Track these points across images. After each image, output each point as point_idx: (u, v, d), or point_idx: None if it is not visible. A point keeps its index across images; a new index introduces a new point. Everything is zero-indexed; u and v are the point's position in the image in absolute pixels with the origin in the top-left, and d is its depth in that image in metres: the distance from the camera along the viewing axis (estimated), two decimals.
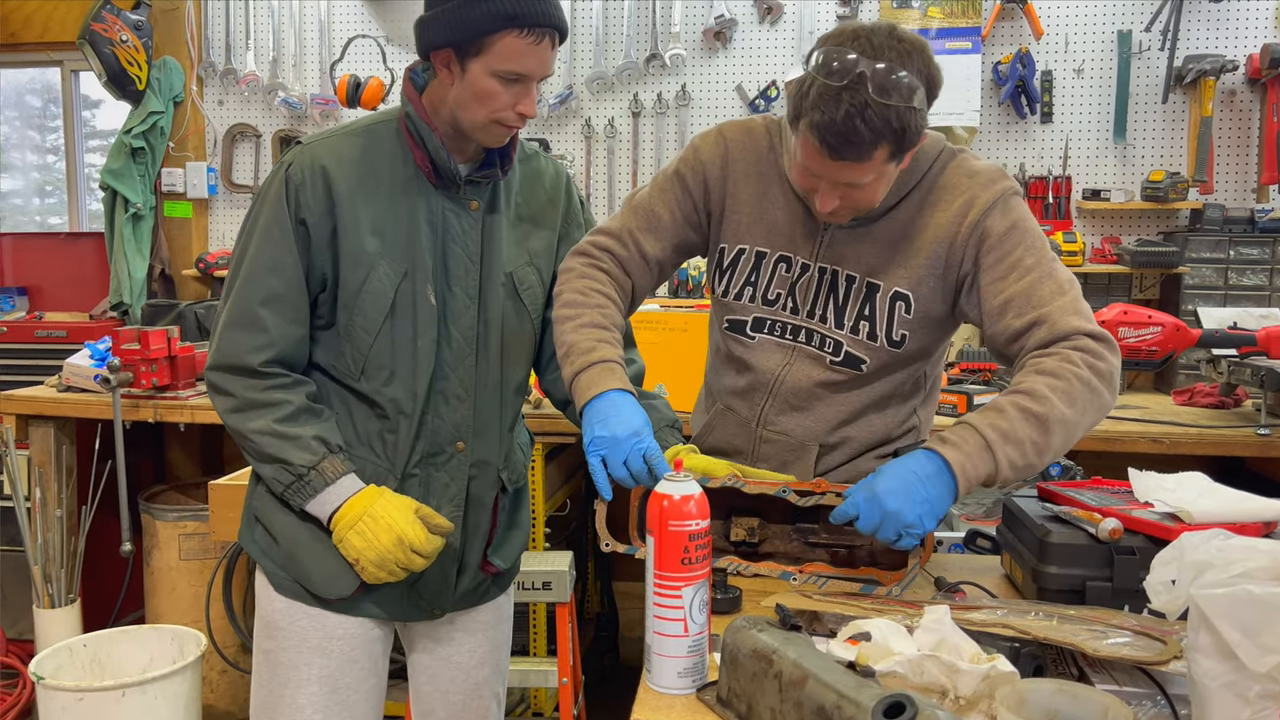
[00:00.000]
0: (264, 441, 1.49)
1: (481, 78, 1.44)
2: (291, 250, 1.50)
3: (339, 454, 1.52)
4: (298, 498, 1.50)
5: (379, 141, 1.55)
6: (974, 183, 1.50)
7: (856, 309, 1.54)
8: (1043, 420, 1.32)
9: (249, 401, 1.50)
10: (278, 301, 1.51)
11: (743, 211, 1.60)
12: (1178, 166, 3.36)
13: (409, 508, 1.52)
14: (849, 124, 1.30)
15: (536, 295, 1.66)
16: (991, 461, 1.31)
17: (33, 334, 3.57)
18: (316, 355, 1.58)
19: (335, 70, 3.67)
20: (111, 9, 3.57)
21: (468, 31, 1.42)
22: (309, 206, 1.50)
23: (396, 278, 1.52)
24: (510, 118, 1.48)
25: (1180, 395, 2.98)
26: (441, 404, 1.58)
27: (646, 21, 3.57)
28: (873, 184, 1.39)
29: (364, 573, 1.51)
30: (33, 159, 4.39)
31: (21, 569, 3.31)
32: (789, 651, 0.99)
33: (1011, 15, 3.37)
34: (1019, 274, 1.44)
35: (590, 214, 1.78)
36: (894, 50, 1.32)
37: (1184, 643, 1.05)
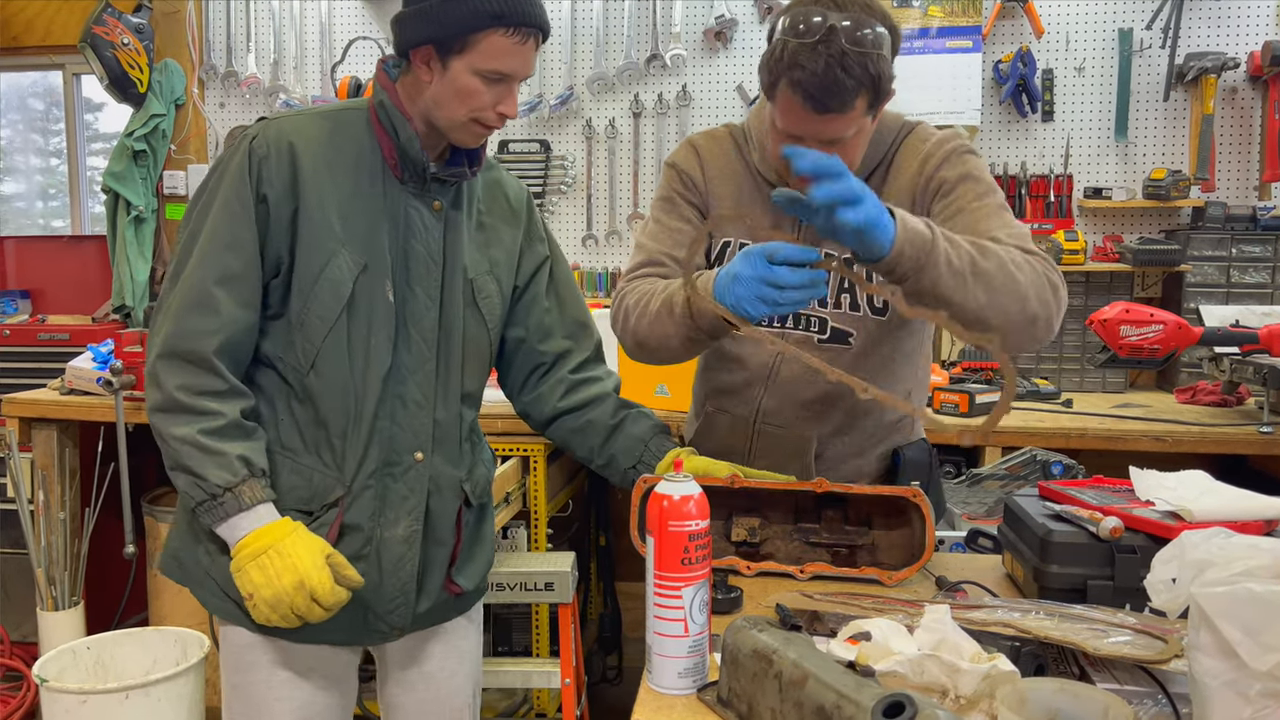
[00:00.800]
0: (184, 451, 1.38)
1: (463, 76, 1.41)
2: (250, 227, 1.42)
3: (261, 479, 1.42)
4: (207, 517, 1.40)
5: (346, 127, 1.49)
6: (928, 144, 1.57)
7: (837, 284, 1.57)
8: (982, 248, 1.36)
9: (178, 404, 1.39)
10: (233, 281, 1.42)
11: (722, 206, 1.65)
12: (1179, 164, 3.35)
13: (320, 551, 1.41)
14: (830, 74, 1.34)
15: (494, 306, 1.60)
16: (929, 232, 1.30)
17: (35, 337, 3.57)
18: (264, 347, 1.48)
19: (336, 72, 3.67)
20: (113, 12, 3.58)
21: (451, 29, 1.39)
22: (270, 182, 1.42)
23: (355, 269, 1.45)
24: (490, 117, 1.45)
25: (1182, 393, 2.98)
26: (399, 409, 1.50)
27: (647, 22, 3.57)
28: (854, 139, 1.44)
29: (254, 610, 1.39)
30: (35, 162, 4.40)
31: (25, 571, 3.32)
32: (789, 652, 0.98)
33: (1012, 14, 3.37)
34: (966, 214, 1.48)
35: (549, 230, 1.73)
36: (856, 5, 1.37)
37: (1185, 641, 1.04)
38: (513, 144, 3.65)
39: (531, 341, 1.68)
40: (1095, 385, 3.25)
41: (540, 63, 3.62)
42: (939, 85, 3.32)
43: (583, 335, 1.72)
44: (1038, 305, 1.38)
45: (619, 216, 3.64)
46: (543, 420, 1.72)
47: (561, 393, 1.68)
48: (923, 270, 1.30)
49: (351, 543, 1.49)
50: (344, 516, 1.49)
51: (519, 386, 1.73)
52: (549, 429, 1.72)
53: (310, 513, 1.48)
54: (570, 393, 1.68)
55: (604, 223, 3.65)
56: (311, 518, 1.48)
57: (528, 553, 2.76)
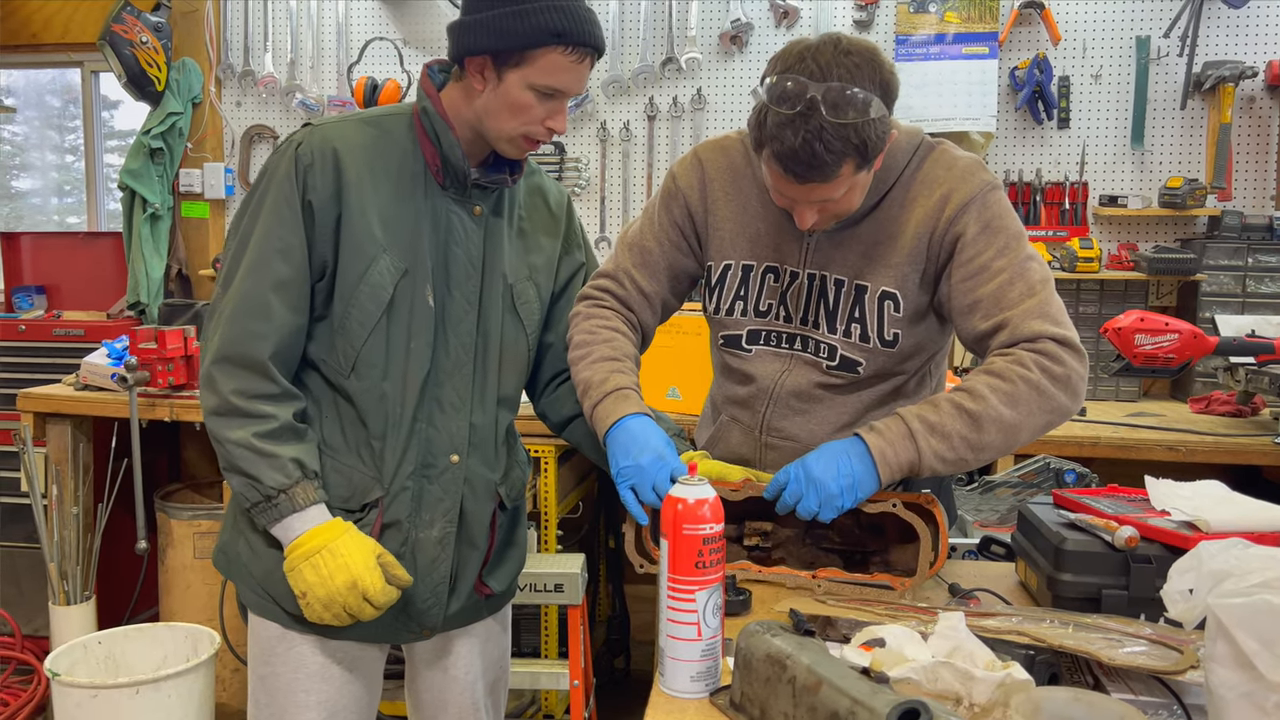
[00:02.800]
0: (238, 454, 1.42)
1: (518, 89, 1.43)
2: (299, 233, 1.45)
3: (314, 480, 1.45)
4: (262, 518, 1.44)
5: (389, 134, 1.52)
6: (951, 176, 1.50)
7: (847, 312, 1.55)
8: (975, 417, 1.36)
9: (233, 408, 1.43)
10: (285, 287, 1.45)
11: (725, 228, 1.62)
12: (1196, 173, 3.34)
13: (371, 552, 1.45)
14: (808, 149, 1.31)
15: (533, 311, 1.63)
16: (914, 450, 1.36)
17: (51, 332, 3.59)
18: (309, 349, 1.51)
19: (352, 72, 3.69)
20: (132, 10, 3.60)
21: (511, 42, 1.41)
22: (316, 188, 1.45)
23: (396, 274, 1.48)
24: (539, 132, 1.48)
25: (1197, 403, 2.97)
26: (437, 413, 1.53)
27: (663, 25, 3.57)
28: (847, 194, 1.42)
29: (308, 609, 1.43)
30: (51, 159, 4.43)
31: (38, 566, 3.34)
32: (803, 657, 0.98)
33: (1029, 20, 3.36)
34: (989, 275, 1.45)
35: (587, 237, 1.77)
36: (841, 67, 1.32)
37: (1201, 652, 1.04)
38: None
39: (559, 348, 1.69)
40: (1109, 393, 3.24)
41: None
42: (955, 91, 3.31)
43: None
44: (1046, 419, 1.39)
45: (632, 218, 3.64)
46: (559, 421, 1.73)
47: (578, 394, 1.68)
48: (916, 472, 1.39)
49: (389, 541, 1.52)
50: (383, 516, 1.52)
51: (541, 388, 1.75)
52: (565, 430, 1.73)
53: (351, 511, 1.51)
54: None
55: (617, 225, 3.66)
56: (353, 516, 1.51)
57: (537, 554, 2.76)
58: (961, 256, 1.47)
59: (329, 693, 1.55)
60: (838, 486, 1.36)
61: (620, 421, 1.48)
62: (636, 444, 1.45)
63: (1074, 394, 1.39)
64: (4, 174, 4.43)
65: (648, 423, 1.48)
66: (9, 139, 4.43)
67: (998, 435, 1.36)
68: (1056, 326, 1.40)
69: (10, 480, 3.48)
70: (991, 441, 1.37)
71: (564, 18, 1.40)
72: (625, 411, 1.48)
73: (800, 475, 1.39)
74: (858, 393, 1.58)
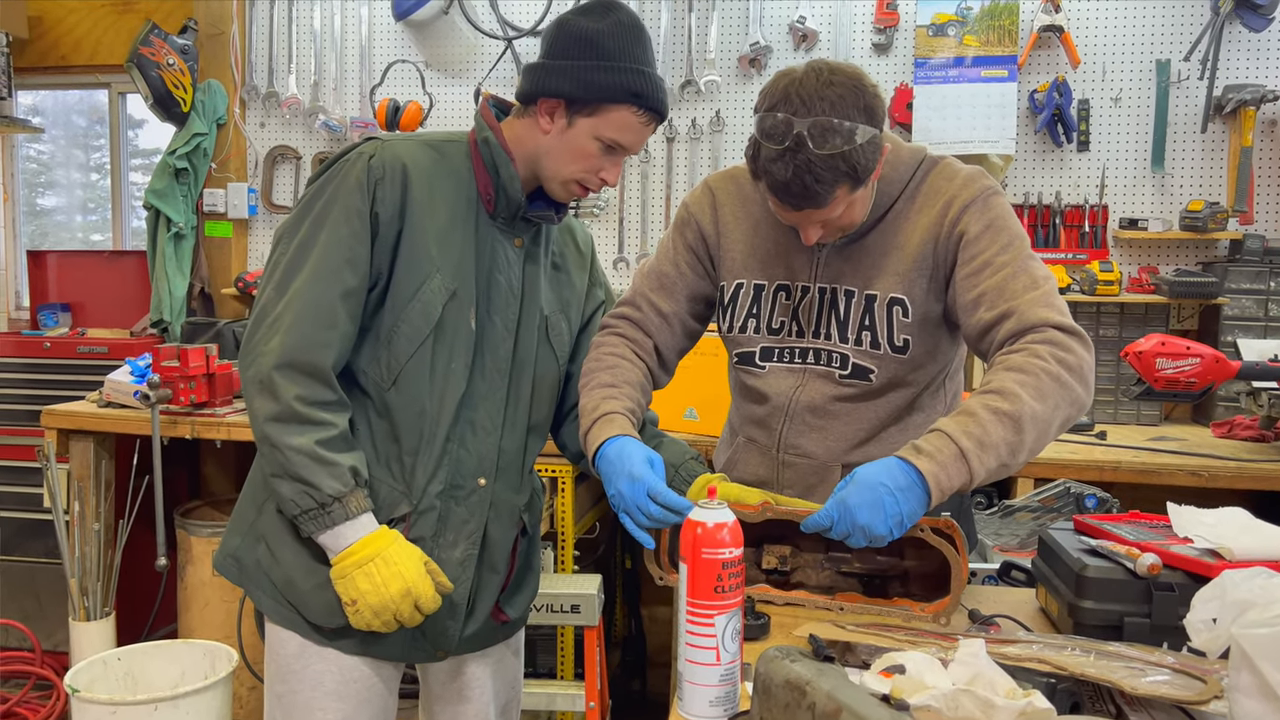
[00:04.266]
0: (298, 461, 1.41)
1: (585, 137, 1.49)
2: (366, 243, 1.47)
3: (365, 489, 1.47)
4: (312, 524, 1.43)
5: (449, 159, 1.56)
6: (953, 184, 1.54)
7: (858, 321, 1.57)
8: (1015, 419, 1.32)
9: (295, 414, 1.42)
10: (351, 297, 1.46)
11: (735, 250, 1.66)
12: (1217, 196, 3.33)
13: (421, 560, 1.47)
14: (799, 182, 1.37)
15: (564, 343, 1.68)
16: (966, 472, 1.32)
17: (75, 350, 3.63)
18: (351, 359, 1.52)
19: (375, 94, 3.73)
20: (159, 33, 3.66)
21: (590, 93, 1.47)
22: (384, 201, 1.47)
23: (446, 294, 1.51)
24: (593, 181, 1.53)
25: (1219, 428, 2.94)
26: (469, 434, 1.55)
27: (682, 48, 3.60)
28: (847, 210, 1.46)
29: (357, 615, 1.45)
30: (77, 177, 4.49)
31: (58, 581, 3.36)
32: (823, 683, 0.98)
33: (1048, 44, 3.36)
34: (992, 270, 1.47)
35: (605, 275, 1.83)
36: (825, 100, 1.37)
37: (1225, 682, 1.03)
38: None
39: (578, 379, 1.70)
40: (1130, 417, 3.22)
41: None
42: (974, 114, 3.32)
43: None
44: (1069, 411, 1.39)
45: (650, 240, 3.66)
46: (575, 452, 1.75)
47: None
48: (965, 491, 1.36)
49: None
50: (409, 533, 1.53)
51: (561, 418, 1.77)
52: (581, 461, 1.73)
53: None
54: None
55: (635, 246, 3.67)
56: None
57: (554, 574, 2.76)
58: (965, 254, 1.50)
59: (345, 711, 1.56)
60: (885, 529, 1.30)
61: (600, 449, 1.50)
62: (614, 469, 1.46)
63: (1087, 385, 1.39)
64: (31, 192, 4.49)
65: (624, 444, 1.48)
66: (36, 157, 4.49)
67: (1033, 434, 1.34)
68: (1062, 316, 1.41)
69: (33, 496, 3.51)
70: (1029, 442, 1.34)
71: (643, 81, 1.48)
72: (605, 436, 1.50)
73: (845, 520, 1.33)
74: (871, 404, 1.59)
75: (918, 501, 1.31)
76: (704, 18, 3.56)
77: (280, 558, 1.53)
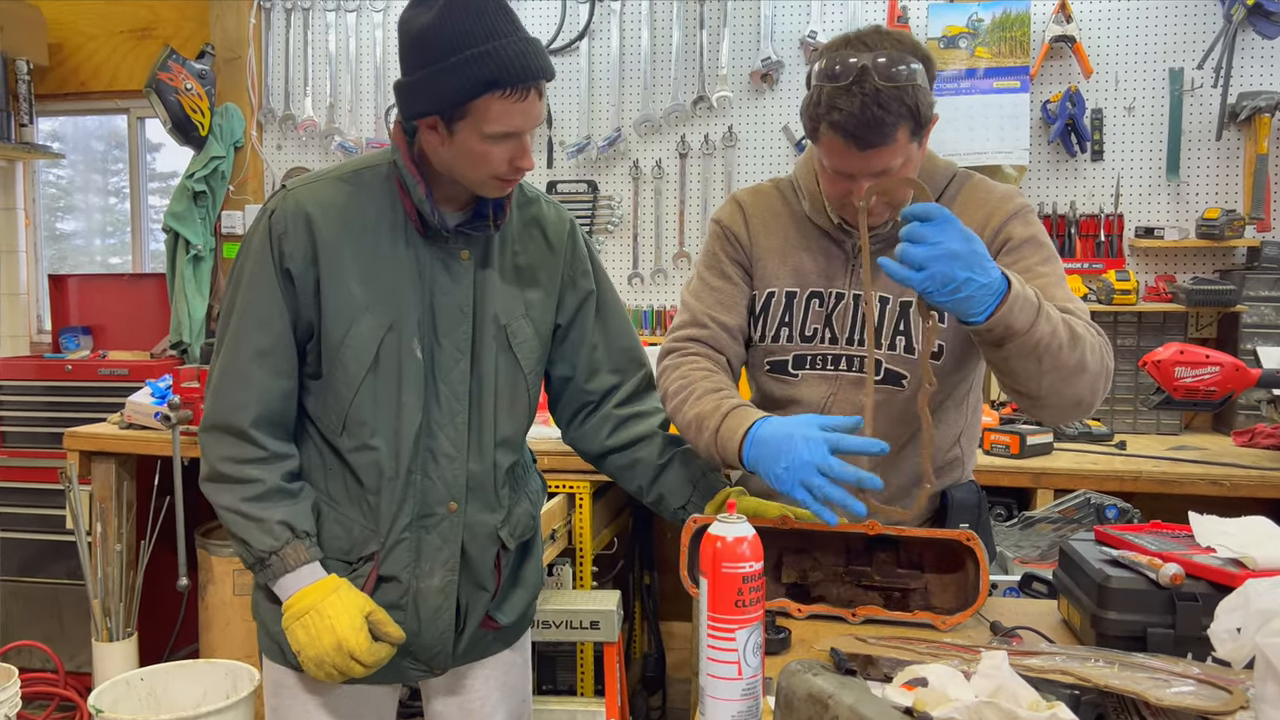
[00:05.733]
0: (230, 519, 1.46)
1: (471, 140, 1.39)
2: (277, 301, 1.46)
3: (305, 539, 1.47)
4: (260, 577, 1.49)
5: (366, 188, 1.50)
6: (992, 198, 1.60)
7: (892, 326, 1.59)
8: (1072, 330, 1.39)
9: (221, 474, 1.47)
10: (266, 356, 1.47)
11: (768, 259, 1.66)
12: (1233, 204, 3.31)
13: (359, 611, 1.45)
14: (867, 113, 1.39)
15: (531, 349, 1.59)
16: (1035, 302, 1.34)
17: (96, 372, 3.67)
18: (308, 405, 1.53)
19: (390, 115, 3.76)
20: (177, 58, 3.71)
21: (449, 100, 1.36)
22: (292, 256, 1.45)
23: (380, 330, 1.47)
24: (508, 173, 1.44)
25: (1240, 436, 2.92)
26: (430, 464, 1.52)
27: (694, 64, 3.62)
28: (902, 167, 1.47)
29: (304, 665, 1.46)
30: (95, 201, 4.54)
31: (81, 602, 3.39)
32: (845, 696, 0.98)
33: (1060, 54, 3.37)
34: (1034, 276, 1.51)
35: (600, 263, 1.71)
36: (887, 41, 1.43)
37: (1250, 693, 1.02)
38: (560, 184, 3.70)
39: (578, 381, 1.68)
40: (1149, 427, 3.20)
41: (588, 105, 3.68)
42: (987, 125, 3.32)
43: (631, 367, 1.71)
44: (1088, 382, 1.43)
45: (665, 255, 3.67)
46: (591, 456, 1.74)
47: (608, 431, 1.68)
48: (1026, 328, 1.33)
49: (389, 593, 1.53)
50: (379, 569, 1.53)
51: (567, 422, 1.75)
52: (600, 464, 1.73)
53: (350, 563, 1.53)
54: (616, 431, 1.68)
55: (650, 261, 3.68)
56: (350, 569, 1.52)
57: (573, 590, 2.76)
58: (1009, 258, 1.54)
59: None
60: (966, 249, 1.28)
61: (750, 430, 1.43)
62: (777, 444, 1.38)
63: (1109, 370, 1.46)
64: (50, 216, 4.54)
65: (774, 421, 1.43)
66: (55, 182, 4.55)
67: (1076, 357, 1.38)
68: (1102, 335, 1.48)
69: (55, 517, 3.54)
70: (1072, 361, 1.38)
71: (491, 63, 1.34)
72: (751, 420, 1.45)
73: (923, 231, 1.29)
74: (900, 417, 1.59)
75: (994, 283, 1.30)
76: (715, 34, 3.58)
77: (262, 598, 1.57)
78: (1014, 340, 1.34)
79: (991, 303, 1.31)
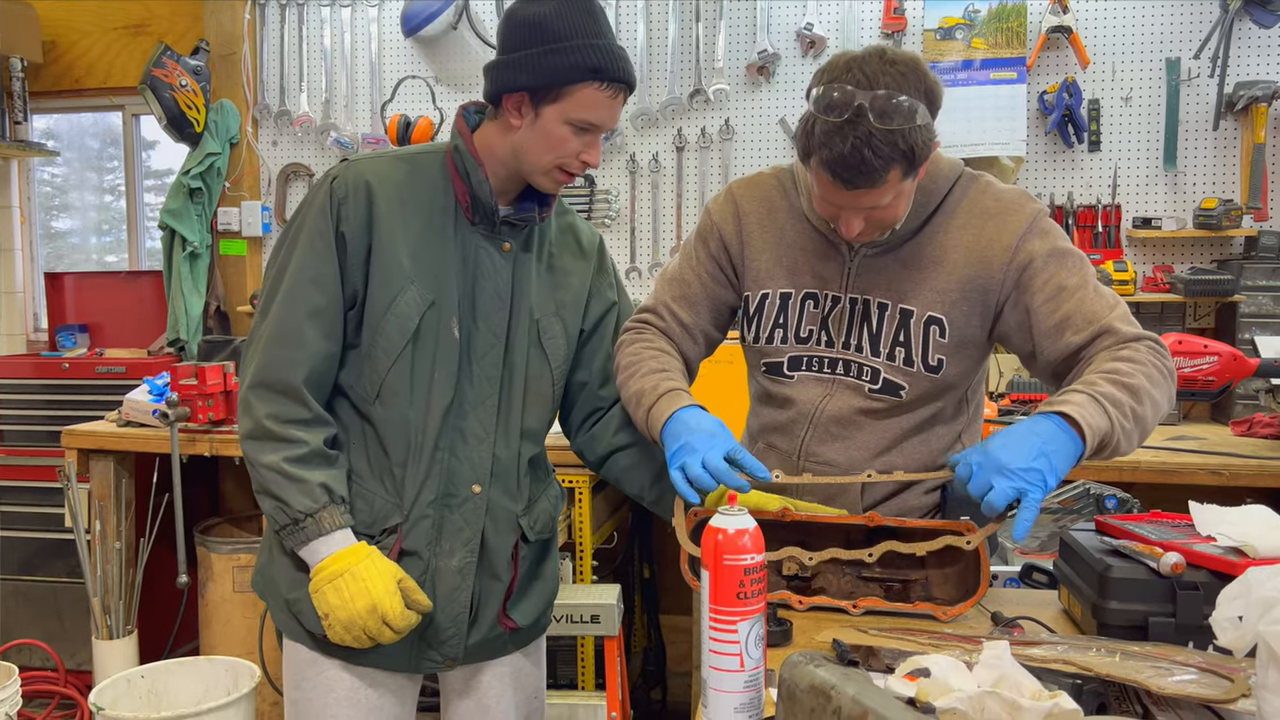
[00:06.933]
0: (270, 478, 1.46)
1: (554, 124, 1.47)
2: (333, 263, 1.50)
3: (340, 505, 1.48)
4: (290, 540, 1.48)
5: (423, 170, 1.57)
6: (1001, 206, 1.53)
7: (891, 335, 1.56)
8: (1135, 390, 1.36)
9: (267, 431, 1.47)
10: (320, 316, 1.49)
11: (761, 259, 1.64)
12: (1230, 193, 3.31)
13: (392, 577, 1.47)
14: (857, 155, 1.34)
15: (559, 347, 1.64)
16: (1104, 415, 1.33)
17: (94, 370, 3.66)
18: (339, 376, 1.55)
19: (386, 110, 3.75)
20: (172, 55, 3.69)
21: (549, 78, 1.45)
22: (349, 220, 1.50)
23: (424, 304, 1.51)
24: (574, 164, 1.51)
25: (1239, 426, 2.92)
26: (459, 443, 1.55)
27: (690, 58, 3.61)
28: (893, 202, 1.43)
29: (330, 630, 1.47)
30: (90, 199, 4.53)
31: (80, 601, 3.39)
32: (848, 688, 0.98)
33: (1057, 45, 3.36)
34: (1068, 293, 1.48)
35: (621, 279, 1.79)
36: (888, 75, 1.35)
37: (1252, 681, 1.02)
38: None
39: (593, 386, 1.71)
40: None
41: None
42: (984, 117, 3.31)
43: None
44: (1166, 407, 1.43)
45: (662, 249, 3.67)
46: (596, 459, 1.74)
47: (614, 428, 1.70)
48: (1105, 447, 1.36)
49: (409, 570, 1.53)
50: (402, 543, 1.54)
51: (576, 427, 1.76)
52: (602, 467, 1.74)
53: (371, 536, 1.54)
54: (623, 428, 1.69)
55: (647, 255, 3.68)
56: (374, 541, 1.53)
57: (573, 585, 2.76)
58: (1036, 282, 1.49)
59: (357, 718, 1.57)
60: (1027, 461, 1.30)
61: (674, 414, 1.49)
62: (686, 427, 1.47)
63: (1174, 387, 1.45)
64: (45, 214, 4.53)
65: (699, 411, 1.50)
66: (50, 180, 4.54)
67: (1149, 409, 1.38)
68: (1144, 330, 1.46)
69: (54, 516, 3.53)
70: (1146, 416, 1.37)
71: (600, 55, 1.45)
72: (678, 406, 1.50)
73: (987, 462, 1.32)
74: (897, 418, 1.58)
75: (1068, 441, 1.32)
76: (711, 27, 3.58)
77: (288, 573, 1.55)
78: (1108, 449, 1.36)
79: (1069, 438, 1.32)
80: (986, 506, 1.32)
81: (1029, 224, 1.51)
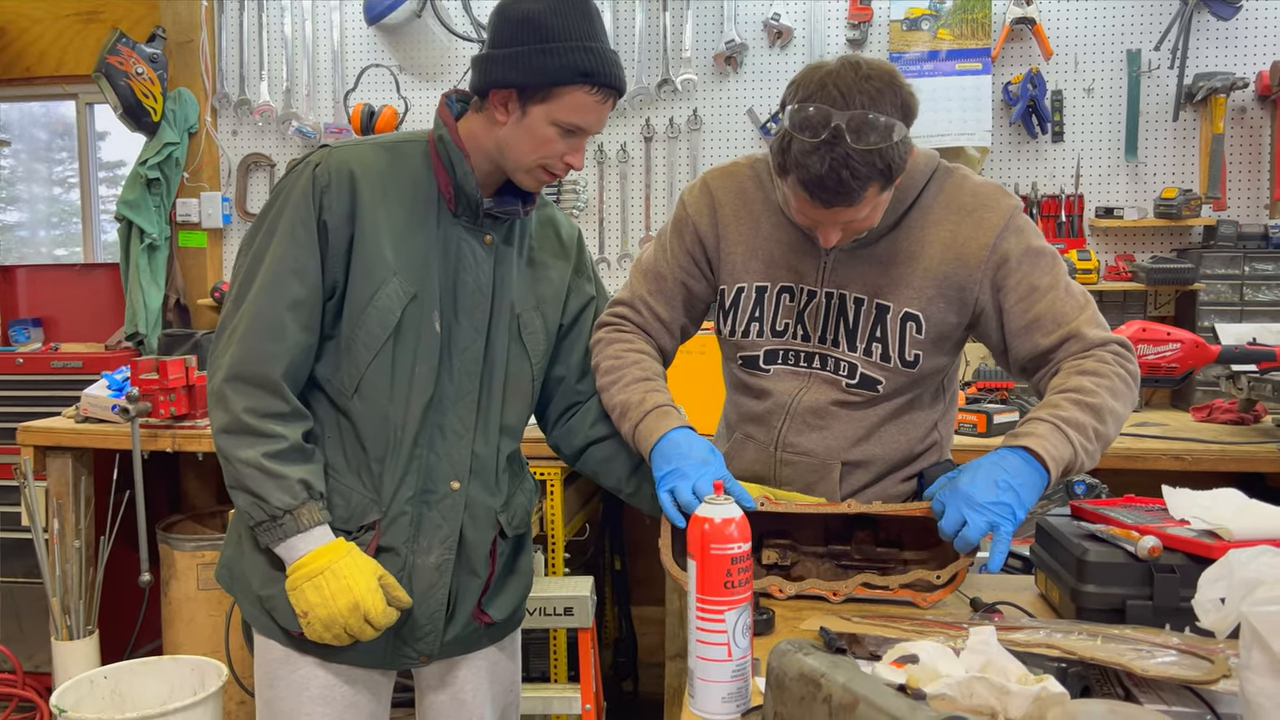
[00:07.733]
0: (247, 473, 1.42)
1: (541, 124, 1.45)
2: (315, 253, 1.46)
3: (319, 501, 1.45)
4: (266, 537, 1.44)
5: (405, 159, 1.53)
6: (977, 201, 1.53)
7: (868, 331, 1.55)
8: (1097, 410, 1.40)
9: (245, 426, 1.42)
10: (300, 308, 1.45)
11: (736, 251, 1.63)
12: (1190, 184, 3.37)
13: (373, 574, 1.45)
14: (834, 177, 1.33)
15: (539, 341, 1.62)
16: (1067, 443, 1.37)
17: (49, 365, 3.57)
18: (315, 369, 1.51)
19: (349, 99, 3.70)
20: (127, 42, 3.61)
21: (539, 78, 1.43)
22: (331, 209, 1.46)
23: (405, 298, 1.48)
24: (557, 166, 1.50)
25: (1199, 412, 2.98)
26: (438, 439, 1.52)
27: (657, 47, 3.60)
28: (870, 213, 1.43)
29: (309, 628, 1.44)
30: (39, 191, 4.42)
31: (39, 601, 3.30)
32: (838, 675, 0.98)
33: (1021, 36, 3.39)
34: (1039, 294, 1.49)
35: (598, 272, 1.77)
36: (864, 93, 1.33)
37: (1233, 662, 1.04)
38: None
39: (571, 380, 1.70)
40: None
41: None
42: (949, 107, 3.34)
43: None
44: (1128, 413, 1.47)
45: (631, 240, 3.65)
46: (573, 452, 1.73)
47: (591, 421, 1.69)
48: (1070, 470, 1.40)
49: (386, 566, 1.51)
50: (380, 539, 1.51)
51: (553, 421, 1.75)
52: (579, 460, 1.72)
53: (349, 533, 1.51)
54: (600, 420, 1.68)
55: (616, 245, 3.67)
56: (350, 538, 1.50)
57: (545, 577, 2.74)
58: (1010, 281, 1.51)
59: (331, 717, 1.54)
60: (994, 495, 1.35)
61: (665, 435, 1.50)
62: (679, 451, 1.47)
63: (1138, 391, 1.49)
64: None
65: (692, 434, 1.51)
66: None
67: (1113, 426, 1.42)
68: (1112, 332, 1.50)
69: (11, 515, 3.45)
70: (1109, 433, 1.42)
71: (592, 58, 1.44)
72: (669, 426, 1.51)
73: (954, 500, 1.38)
74: (873, 408, 1.58)
75: (1033, 474, 1.36)
76: (679, 16, 3.56)
77: (260, 569, 1.52)
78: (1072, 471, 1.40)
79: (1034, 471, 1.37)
80: (961, 542, 1.36)
81: (1006, 222, 1.51)
